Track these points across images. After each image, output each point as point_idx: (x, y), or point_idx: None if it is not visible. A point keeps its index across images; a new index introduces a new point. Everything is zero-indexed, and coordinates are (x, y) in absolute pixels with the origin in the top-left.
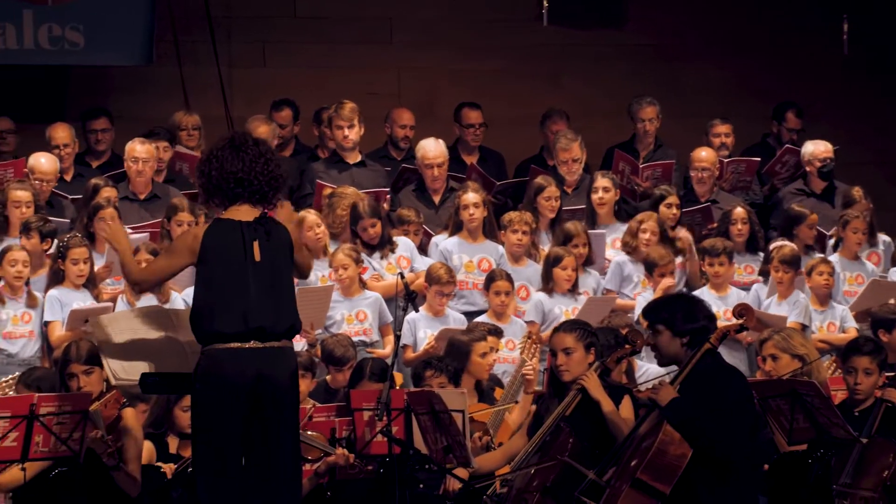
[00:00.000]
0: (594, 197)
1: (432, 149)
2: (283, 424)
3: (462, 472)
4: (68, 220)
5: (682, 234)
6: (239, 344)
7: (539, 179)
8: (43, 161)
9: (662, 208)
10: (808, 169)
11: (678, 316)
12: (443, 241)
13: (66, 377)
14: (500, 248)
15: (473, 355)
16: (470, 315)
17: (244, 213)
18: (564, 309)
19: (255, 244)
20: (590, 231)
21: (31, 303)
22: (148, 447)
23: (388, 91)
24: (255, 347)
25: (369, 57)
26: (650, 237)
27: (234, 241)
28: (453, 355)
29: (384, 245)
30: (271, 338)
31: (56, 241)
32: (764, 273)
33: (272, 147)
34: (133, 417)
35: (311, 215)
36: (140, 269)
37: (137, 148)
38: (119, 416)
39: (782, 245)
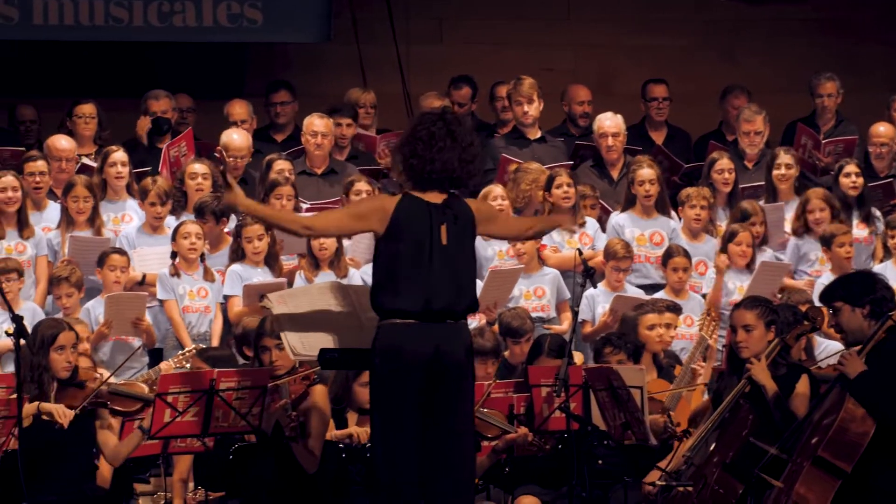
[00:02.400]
0: (776, 173)
1: (608, 120)
2: (460, 398)
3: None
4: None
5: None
6: (415, 321)
7: (713, 154)
8: (235, 137)
9: (842, 179)
10: None
11: (854, 289)
12: (615, 216)
13: (259, 350)
14: (672, 222)
15: (641, 328)
16: (643, 289)
17: (433, 195)
18: (738, 285)
19: (443, 228)
20: (766, 205)
21: (208, 277)
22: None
23: (564, 67)
24: (433, 324)
25: (545, 33)
26: (819, 215)
27: (422, 223)
28: (626, 331)
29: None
30: (449, 317)
31: (236, 218)
32: None
33: (472, 128)
34: (322, 395)
35: (497, 188)
36: (312, 217)
37: (316, 122)
38: (306, 392)
39: None
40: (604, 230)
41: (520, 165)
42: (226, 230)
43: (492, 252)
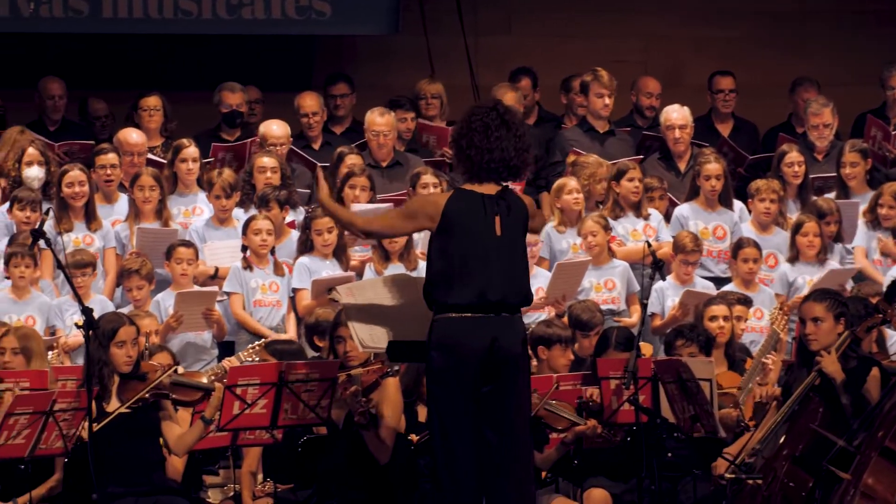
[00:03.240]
0: (843, 171)
1: (675, 112)
2: (517, 391)
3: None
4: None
5: None
6: (471, 314)
7: (783, 146)
8: (275, 128)
9: None
10: None
11: None
12: (679, 208)
13: (334, 340)
14: (734, 216)
15: (704, 319)
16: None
17: (487, 187)
18: (808, 278)
19: (497, 219)
20: (841, 202)
21: (279, 272)
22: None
23: (634, 59)
24: (489, 317)
25: (615, 24)
26: (887, 211)
27: (476, 215)
28: (696, 324)
29: (639, 207)
30: (504, 309)
31: (304, 210)
32: None
33: (523, 119)
34: (394, 387)
35: (571, 181)
36: (368, 219)
37: (377, 120)
38: (377, 382)
39: None
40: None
41: (577, 159)
42: (287, 220)
43: (566, 245)
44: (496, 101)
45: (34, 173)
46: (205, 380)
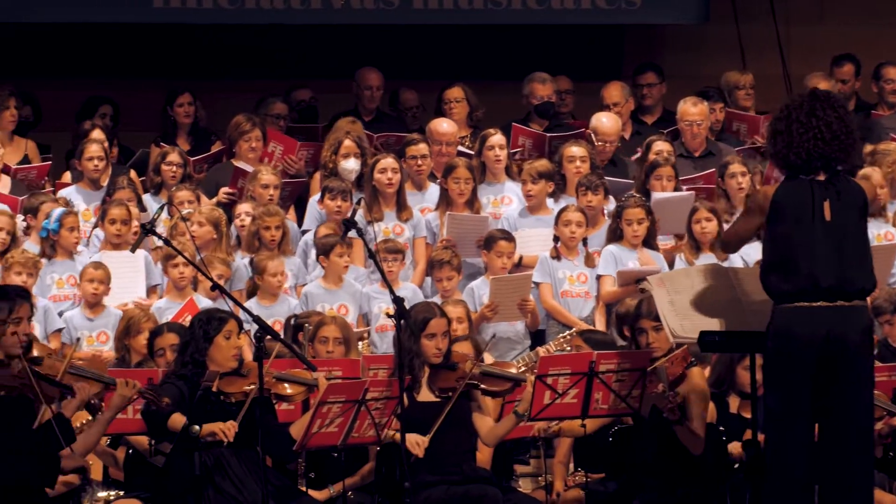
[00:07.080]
0: None
1: None
2: (856, 384)
3: None
4: (631, 181)
5: None
6: (806, 303)
7: None
8: (604, 121)
9: None
10: None
11: None
12: None
13: (636, 331)
14: None
15: None
16: None
17: (817, 175)
18: None
19: (826, 203)
20: None
21: (589, 263)
22: (709, 407)
23: None
24: (824, 306)
25: None
26: None
27: (803, 200)
28: None
29: None
30: (840, 297)
31: (613, 199)
32: None
33: (845, 105)
34: (700, 376)
35: (876, 173)
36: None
37: (690, 109)
38: (683, 374)
39: None
40: None
41: (875, 147)
42: (605, 210)
43: (871, 235)
44: (812, 89)
45: (350, 165)
46: (513, 370)
